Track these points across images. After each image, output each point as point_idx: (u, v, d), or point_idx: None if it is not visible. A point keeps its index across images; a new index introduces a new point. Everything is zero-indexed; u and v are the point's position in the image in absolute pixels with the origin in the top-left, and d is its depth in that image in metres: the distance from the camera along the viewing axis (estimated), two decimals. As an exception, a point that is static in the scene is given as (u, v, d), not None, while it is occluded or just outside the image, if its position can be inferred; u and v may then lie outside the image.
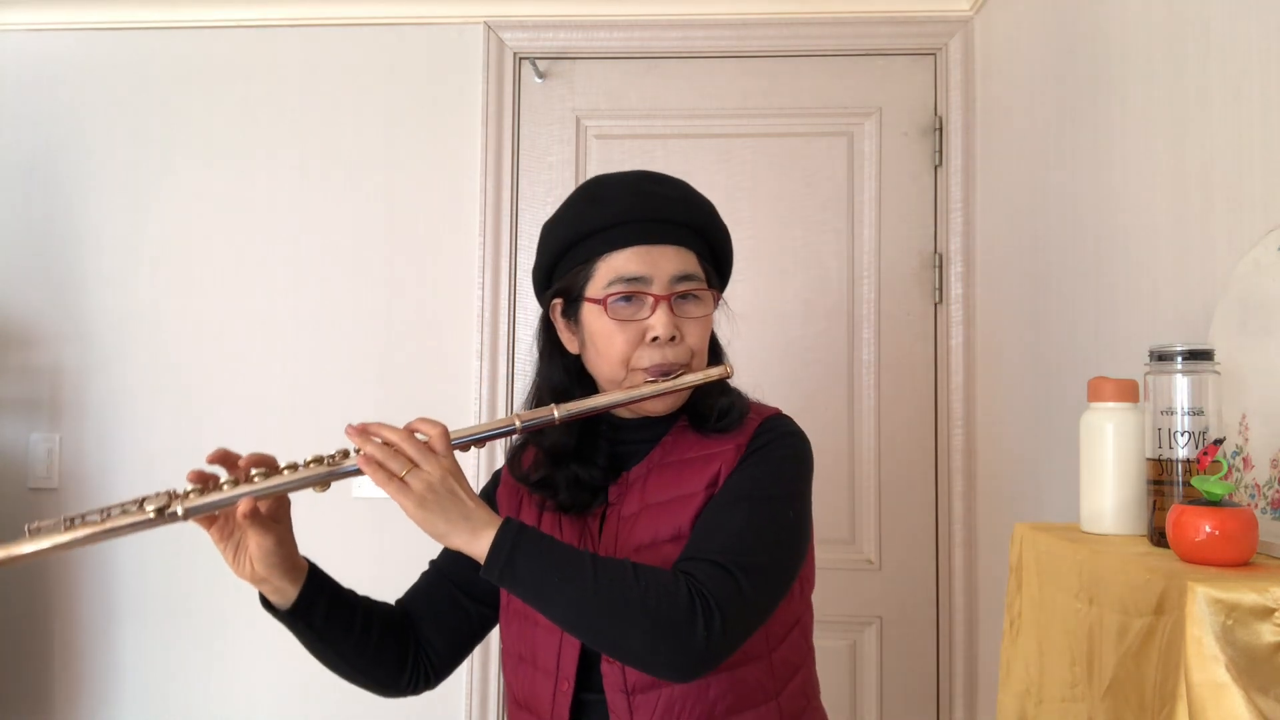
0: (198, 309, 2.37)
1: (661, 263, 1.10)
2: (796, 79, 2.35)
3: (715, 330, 1.20)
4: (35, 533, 0.96)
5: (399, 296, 2.35)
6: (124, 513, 0.97)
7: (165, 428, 2.34)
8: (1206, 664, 0.73)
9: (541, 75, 2.39)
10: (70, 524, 0.96)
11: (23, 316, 2.39)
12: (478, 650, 2.24)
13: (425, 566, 1.25)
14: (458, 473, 0.99)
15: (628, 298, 1.10)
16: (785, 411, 1.19)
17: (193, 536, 2.40)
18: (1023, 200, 1.98)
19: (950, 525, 2.26)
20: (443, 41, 2.38)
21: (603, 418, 1.16)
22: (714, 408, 1.13)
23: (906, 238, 2.32)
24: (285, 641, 1.17)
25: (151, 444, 2.35)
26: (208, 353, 2.36)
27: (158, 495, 0.98)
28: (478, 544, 0.97)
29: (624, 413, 1.15)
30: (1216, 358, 0.96)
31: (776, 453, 1.11)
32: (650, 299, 1.10)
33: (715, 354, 1.20)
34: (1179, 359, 0.96)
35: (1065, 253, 1.73)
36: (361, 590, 1.19)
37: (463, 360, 2.33)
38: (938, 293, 2.30)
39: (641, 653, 0.96)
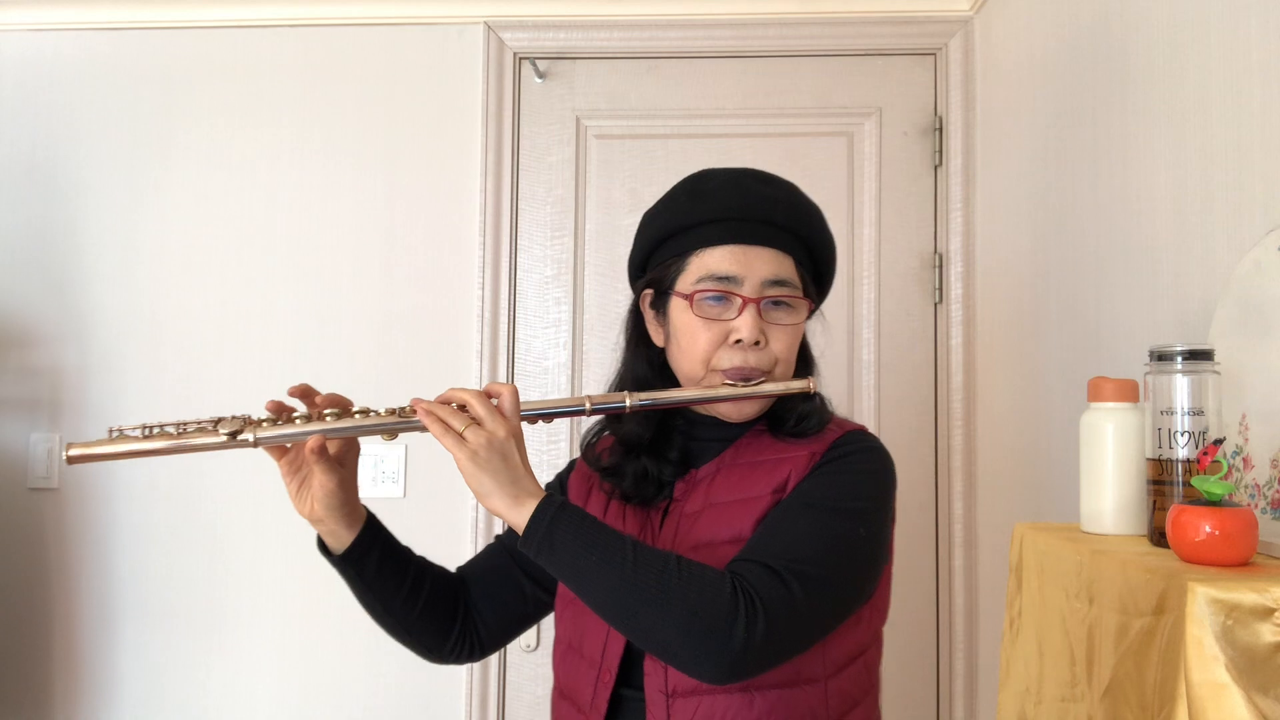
0: (198, 309, 2.37)
1: (756, 264, 1.08)
2: (796, 79, 2.35)
3: (810, 341, 1.18)
4: (117, 436, 1.00)
5: (399, 296, 2.35)
6: (200, 430, 1.00)
7: (165, 428, 2.34)
8: (1206, 664, 0.72)
9: (541, 75, 2.39)
10: (149, 433, 1.00)
11: (23, 316, 2.39)
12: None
13: (491, 541, 1.26)
14: (518, 438, 0.99)
15: (717, 296, 1.08)
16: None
17: (192, 534, 2.40)
18: (1023, 200, 1.98)
19: (950, 525, 2.26)
20: (443, 41, 2.38)
21: (680, 413, 1.15)
22: (793, 412, 1.10)
23: (906, 238, 2.32)
24: (285, 641, 1.17)
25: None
26: (208, 353, 2.36)
27: (234, 419, 1.00)
28: (519, 512, 0.96)
29: (700, 411, 1.14)
30: (1216, 358, 0.96)
31: (855, 466, 1.07)
32: (739, 300, 1.07)
33: (806, 365, 1.18)
34: (1179, 359, 0.96)
35: (1065, 253, 1.73)
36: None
37: (463, 360, 2.33)
38: (938, 293, 2.30)
39: (674, 645, 0.93)
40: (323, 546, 1.12)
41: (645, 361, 1.17)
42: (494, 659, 2.28)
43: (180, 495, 2.33)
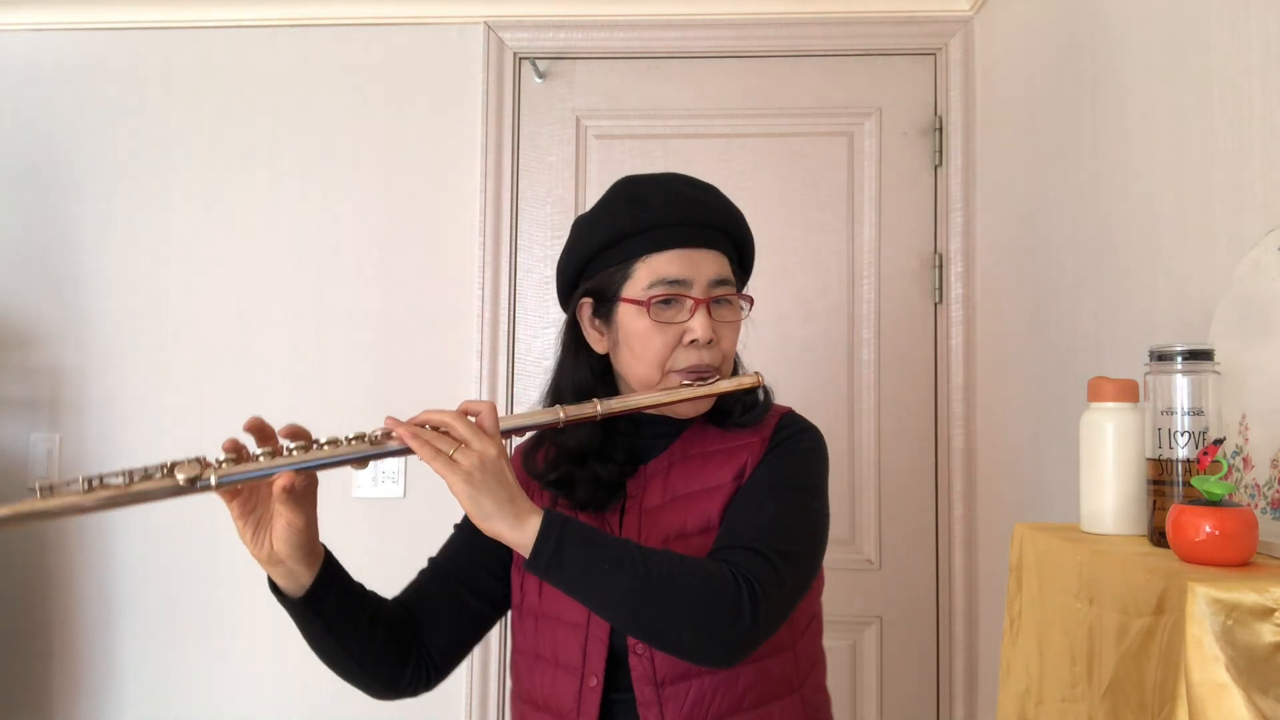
0: (198, 309, 2.37)
1: (701, 266, 1.12)
2: (796, 79, 2.35)
3: None
4: (48, 491, 0.86)
5: (399, 297, 2.35)
6: (147, 477, 0.89)
7: (165, 428, 2.34)
8: (1206, 664, 0.72)
9: (541, 75, 2.39)
10: (90, 486, 0.87)
11: (23, 316, 2.39)
12: (477, 650, 2.25)
13: (424, 566, 1.24)
14: (505, 455, 0.97)
15: (668, 300, 1.11)
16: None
17: (193, 534, 2.40)
18: (1023, 200, 1.98)
19: (950, 525, 2.26)
20: (443, 41, 2.38)
21: (626, 415, 1.16)
22: (739, 403, 1.16)
23: (906, 238, 2.32)
24: (285, 641, 1.16)
25: (152, 444, 2.34)
26: (208, 353, 2.36)
27: (189, 462, 0.91)
28: (522, 531, 0.95)
29: (650, 410, 1.15)
30: (1216, 358, 0.96)
31: (801, 445, 1.14)
32: (690, 302, 1.11)
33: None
34: (1179, 359, 0.96)
35: (1065, 253, 1.73)
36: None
37: (463, 360, 2.33)
38: (938, 293, 2.30)
39: (686, 637, 0.97)
40: (275, 589, 1.04)
41: (586, 369, 1.18)
42: (494, 658, 2.28)
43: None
